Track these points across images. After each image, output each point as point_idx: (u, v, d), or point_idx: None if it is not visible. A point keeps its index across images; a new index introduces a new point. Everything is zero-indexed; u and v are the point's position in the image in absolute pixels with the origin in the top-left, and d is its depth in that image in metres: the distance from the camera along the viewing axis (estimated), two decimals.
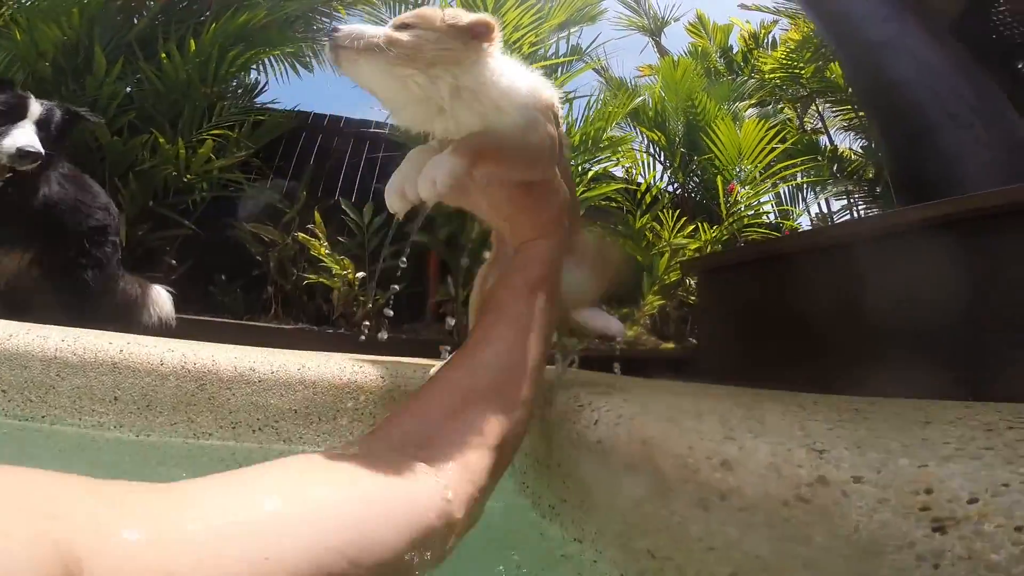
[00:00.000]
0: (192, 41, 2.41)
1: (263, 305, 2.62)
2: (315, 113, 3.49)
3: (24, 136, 1.15)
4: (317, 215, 2.41)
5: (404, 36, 0.52)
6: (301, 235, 2.37)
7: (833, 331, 0.94)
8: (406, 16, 0.54)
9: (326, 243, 2.35)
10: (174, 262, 2.58)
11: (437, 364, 1.07)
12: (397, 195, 0.54)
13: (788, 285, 1.06)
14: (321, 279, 2.38)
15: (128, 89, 2.48)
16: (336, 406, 0.88)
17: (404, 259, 0.86)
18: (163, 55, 2.35)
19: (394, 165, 0.57)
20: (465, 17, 0.54)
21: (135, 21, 2.58)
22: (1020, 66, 2.01)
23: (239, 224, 2.62)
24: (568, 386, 0.71)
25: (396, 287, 0.85)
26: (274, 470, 0.34)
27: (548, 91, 0.59)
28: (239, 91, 2.92)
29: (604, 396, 0.54)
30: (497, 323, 0.53)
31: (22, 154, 1.13)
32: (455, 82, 0.53)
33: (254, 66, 2.91)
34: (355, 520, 0.32)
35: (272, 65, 3.11)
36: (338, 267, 2.32)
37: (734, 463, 0.31)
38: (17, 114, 1.18)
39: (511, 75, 0.55)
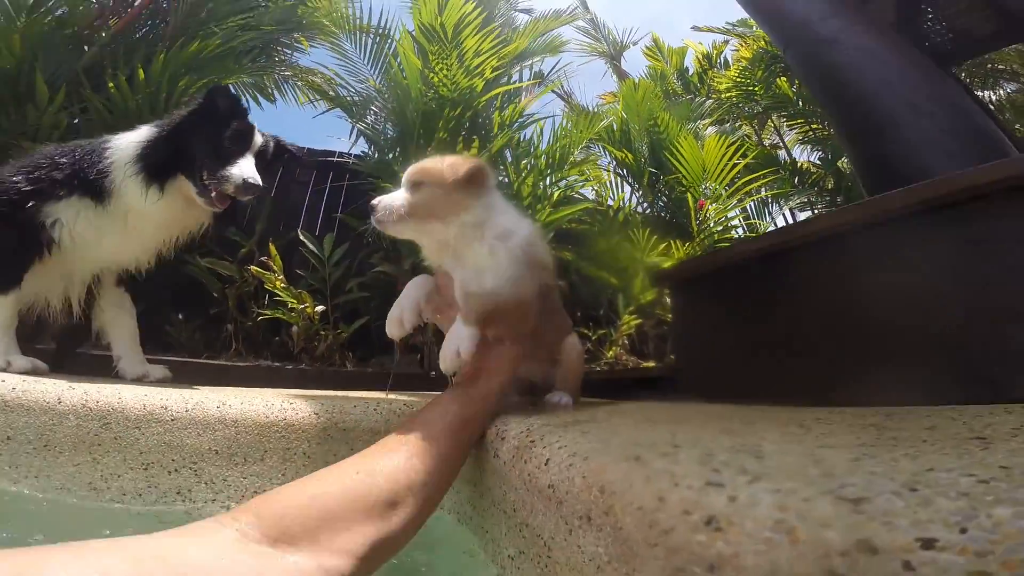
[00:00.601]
0: (141, 70, 2.31)
1: (224, 343, 2.46)
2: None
3: (250, 168, 1.12)
4: (272, 247, 2.29)
5: (418, 197, 0.64)
6: (254, 268, 2.24)
7: (821, 333, 0.86)
8: (415, 174, 0.65)
9: (281, 276, 2.22)
10: None
11: (380, 395, 0.99)
12: (396, 324, 0.64)
13: (765, 288, 0.98)
14: (277, 314, 2.24)
15: (75, 120, 2.37)
16: (263, 446, 0.82)
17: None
18: (110, 85, 2.24)
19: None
20: (462, 166, 0.64)
21: (86, 49, 2.48)
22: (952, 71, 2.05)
23: (193, 259, 2.47)
24: (525, 415, 0.61)
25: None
26: (130, 543, 0.37)
27: (526, 230, 0.68)
28: None
29: (558, 430, 0.44)
30: (410, 437, 0.54)
31: (247, 186, 1.10)
32: (462, 222, 0.64)
33: None
34: None
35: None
36: (295, 301, 2.19)
37: (723, 521, 0.21)
38: (246, 143, 1.15)
39: (502, 217, 0.66)
